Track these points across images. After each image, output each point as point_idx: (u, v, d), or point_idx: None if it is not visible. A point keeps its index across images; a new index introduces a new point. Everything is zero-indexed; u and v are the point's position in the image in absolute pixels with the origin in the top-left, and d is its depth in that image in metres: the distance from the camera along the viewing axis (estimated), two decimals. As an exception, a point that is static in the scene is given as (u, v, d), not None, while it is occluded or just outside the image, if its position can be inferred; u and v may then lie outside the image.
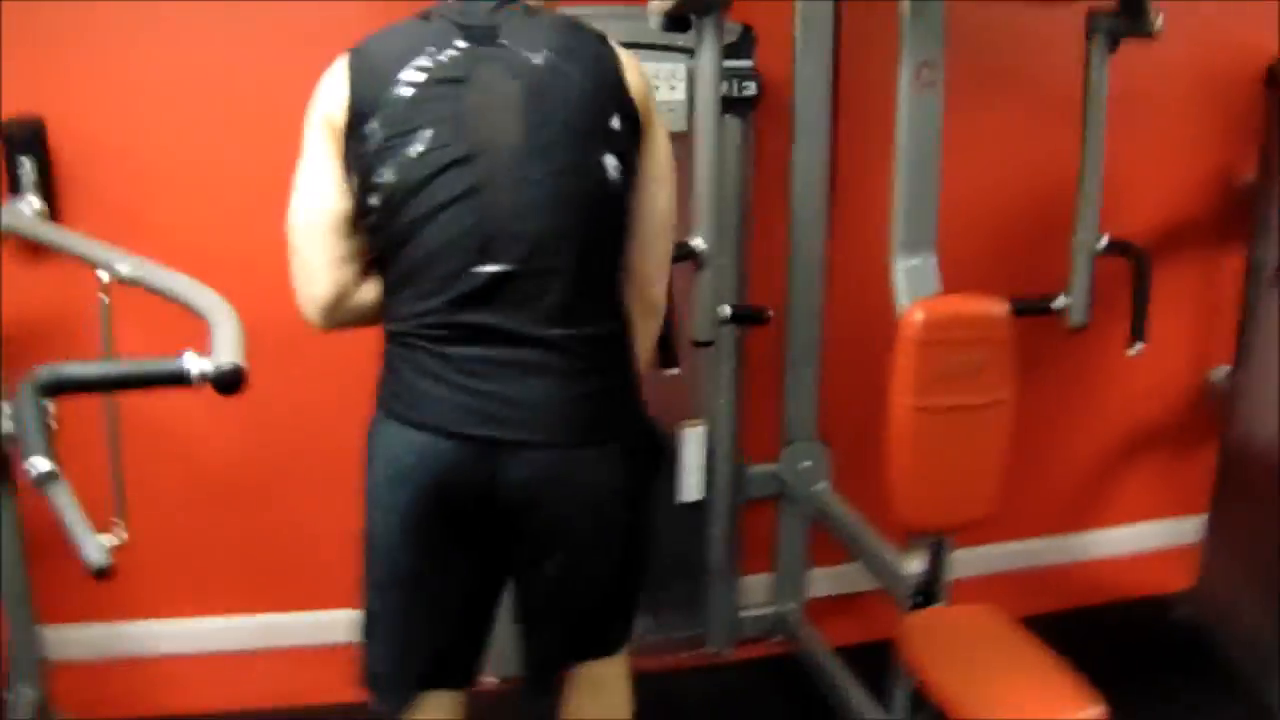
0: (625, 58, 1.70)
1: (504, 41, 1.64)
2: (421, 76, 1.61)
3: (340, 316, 1.74)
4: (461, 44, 1.63)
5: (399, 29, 1.69)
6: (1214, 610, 3.22)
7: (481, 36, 1.64)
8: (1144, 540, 3.73)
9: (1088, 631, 3.19)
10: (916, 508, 2.34)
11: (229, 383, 1.62)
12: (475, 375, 1.62)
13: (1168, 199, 3.47)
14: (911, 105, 2.34)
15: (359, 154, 1.63)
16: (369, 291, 1.73)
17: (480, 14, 1.66)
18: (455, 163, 1.59)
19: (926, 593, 2.42)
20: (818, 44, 2.78)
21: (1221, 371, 3.39)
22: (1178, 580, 3.38)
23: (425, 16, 1.69)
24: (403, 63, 1.62)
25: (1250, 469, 3.11)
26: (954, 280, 2.44)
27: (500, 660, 2.10)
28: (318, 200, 1.68)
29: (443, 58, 1.62)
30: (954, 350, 2.25)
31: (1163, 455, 3.70)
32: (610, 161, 1.65)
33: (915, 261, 2.39)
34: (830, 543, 3.02)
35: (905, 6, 2.32)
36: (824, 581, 3.29)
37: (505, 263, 1.60)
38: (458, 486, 1.65)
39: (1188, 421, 3.65)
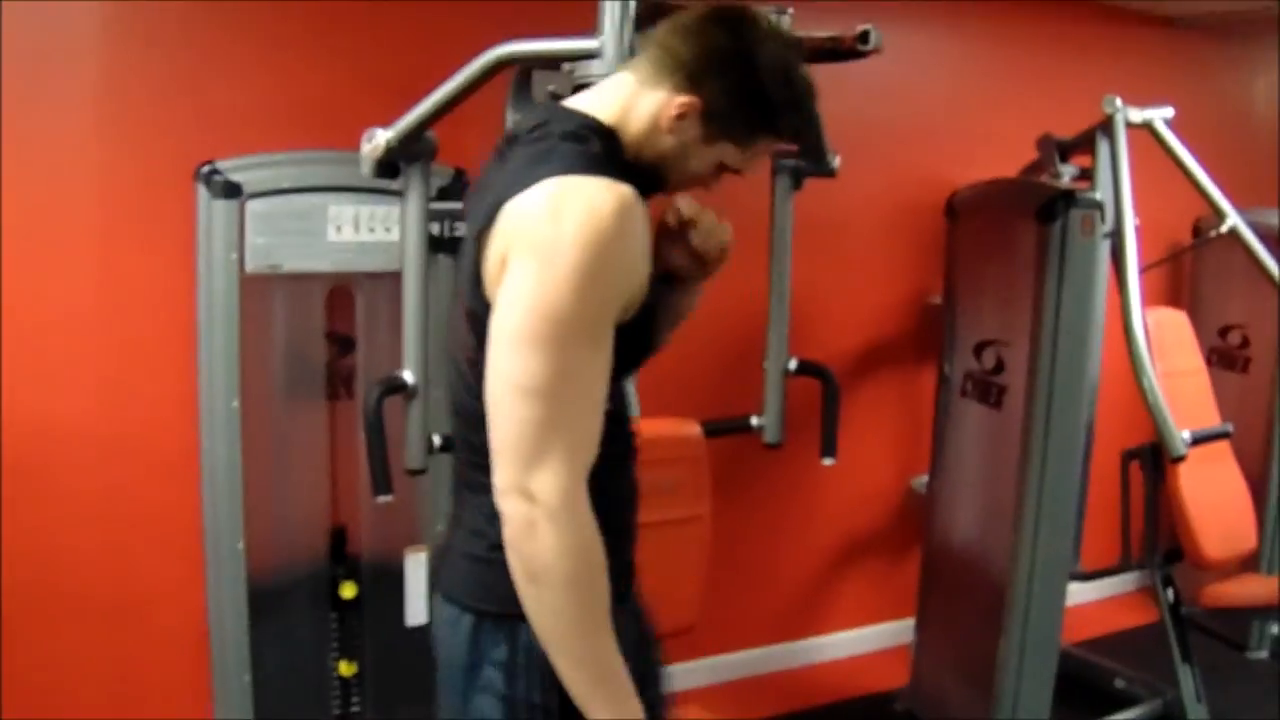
0: (506, 227, 1.39)
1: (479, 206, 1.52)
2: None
3: None
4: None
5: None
6: (927, 702, 3.43)
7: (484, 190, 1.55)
8: (864, 643, 3.94)
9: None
10: (623, 621, 2.43)
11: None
12: None
13: (868, 321, 3.78)
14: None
15: None
16: None
17: (505, 150, 1.55)
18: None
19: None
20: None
21: (922, 480, 3.63)
22: (897, 678, 3.58)
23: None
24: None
25: (946, 570, 3.36)
26: (655, 404, 2.59)
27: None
28: None
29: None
30: (650, 470, 2.36)
31: (876, 562, 3.94)
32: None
33: (614, 387, 2.52)
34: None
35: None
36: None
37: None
38: None
39: (896, 529, 3.91)
